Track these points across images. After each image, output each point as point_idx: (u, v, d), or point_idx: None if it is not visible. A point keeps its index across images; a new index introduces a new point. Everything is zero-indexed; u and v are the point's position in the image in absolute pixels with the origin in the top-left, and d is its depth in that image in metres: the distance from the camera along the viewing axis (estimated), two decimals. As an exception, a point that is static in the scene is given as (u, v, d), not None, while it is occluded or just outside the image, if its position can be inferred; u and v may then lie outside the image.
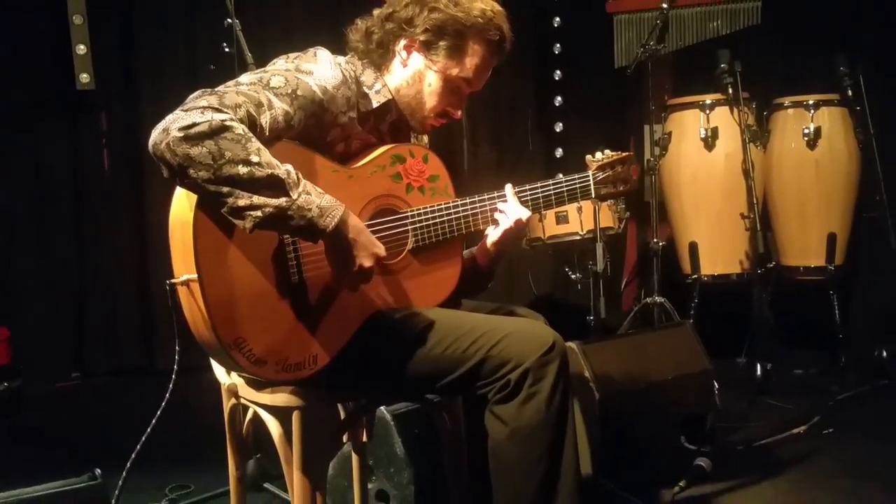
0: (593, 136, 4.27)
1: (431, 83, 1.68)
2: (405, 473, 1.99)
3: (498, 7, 1.69)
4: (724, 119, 3.54)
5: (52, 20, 3.70)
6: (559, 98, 4.48)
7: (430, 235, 1.67)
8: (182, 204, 1.47)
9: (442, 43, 1.65)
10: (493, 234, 1.74)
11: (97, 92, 3.75)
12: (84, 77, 3.66)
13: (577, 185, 1.77)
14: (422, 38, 1.65)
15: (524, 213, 1.71)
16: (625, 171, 1.81)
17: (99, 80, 3.71)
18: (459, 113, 1.74)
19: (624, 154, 1.82)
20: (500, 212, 1.72)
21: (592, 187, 1.78)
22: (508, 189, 1.73)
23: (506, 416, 1.51)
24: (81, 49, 3.63)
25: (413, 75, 1.68)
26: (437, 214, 1.68)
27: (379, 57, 1.69)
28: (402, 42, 1.67)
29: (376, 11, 1.70)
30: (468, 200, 1.71)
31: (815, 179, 3.56)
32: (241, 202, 1.36)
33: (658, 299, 3.43)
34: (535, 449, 1.51)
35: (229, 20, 2.54)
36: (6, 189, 3.75)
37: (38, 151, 3.80)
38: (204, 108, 1.37)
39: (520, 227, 1.72)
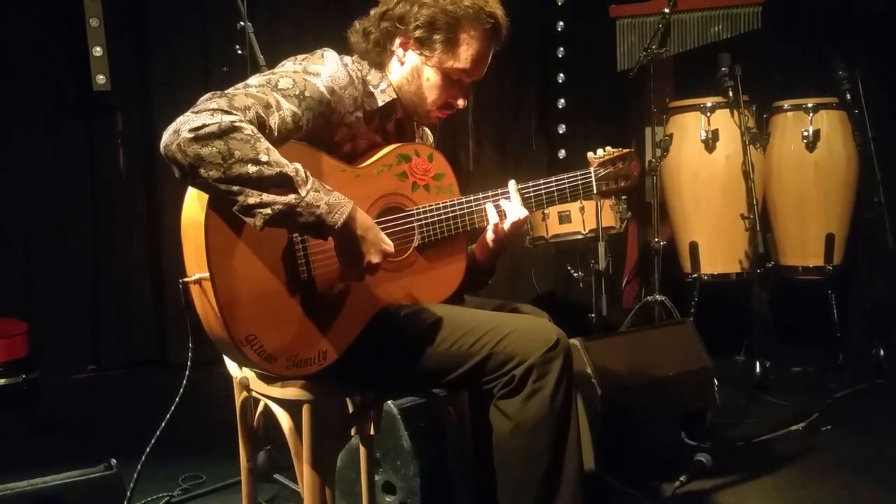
0: (595, 137, 4.22)
1: (430, 78, 1.67)
2: (411, 466, 2.01)
3: None
4: (725, 121, 3.55)
5: (70, 23, 3.74)
6: (562, 100, 4.52)
7: (436, 232, 1.68)
8: (194, 204, 1.48)
9: (436, 37, 1.63)
10: (491, 231, 1.74)
11: (113, 93, 3.78)
12: (100, 78, 3.69)
13: (580, 181, 1.76)
14: (416, 34, 1.63)
15: (522, 213, 1.70)
16: (626, 167, 1.81)
17: (115, 82, 3.75)
18: (462, 102, 1.71)
19: (625, 150, 1.82)
20: (500, 209, 1.71)
21: (594, 183, 1.77)
22: (512, 185, 1.72)
23: (510, 410, 1.51)
24: (98, 51, 3.67)
25: (411, 72, 1.67)
26: (442, 212, 1.68)
27: (377, 56, 1.68)
28: (398, 40, 1.66)
29: (372, 11, 1.70)
30: (473, 198, 1.71)
31: (814, 181, 3.57)
32: (251, 200, 1.37)
33: (659, 297, 3.46)
34: (539, 443, 1.52)
35: (242, 23, 2.57)
36: (25, 186, 3.79)
37: (56, 150, 3.84)
38: (214, 110, 1.38)
39: (517, 226, 1.71)
